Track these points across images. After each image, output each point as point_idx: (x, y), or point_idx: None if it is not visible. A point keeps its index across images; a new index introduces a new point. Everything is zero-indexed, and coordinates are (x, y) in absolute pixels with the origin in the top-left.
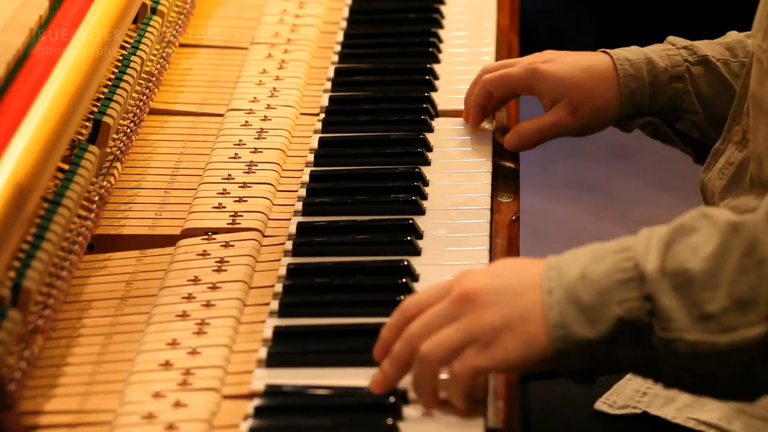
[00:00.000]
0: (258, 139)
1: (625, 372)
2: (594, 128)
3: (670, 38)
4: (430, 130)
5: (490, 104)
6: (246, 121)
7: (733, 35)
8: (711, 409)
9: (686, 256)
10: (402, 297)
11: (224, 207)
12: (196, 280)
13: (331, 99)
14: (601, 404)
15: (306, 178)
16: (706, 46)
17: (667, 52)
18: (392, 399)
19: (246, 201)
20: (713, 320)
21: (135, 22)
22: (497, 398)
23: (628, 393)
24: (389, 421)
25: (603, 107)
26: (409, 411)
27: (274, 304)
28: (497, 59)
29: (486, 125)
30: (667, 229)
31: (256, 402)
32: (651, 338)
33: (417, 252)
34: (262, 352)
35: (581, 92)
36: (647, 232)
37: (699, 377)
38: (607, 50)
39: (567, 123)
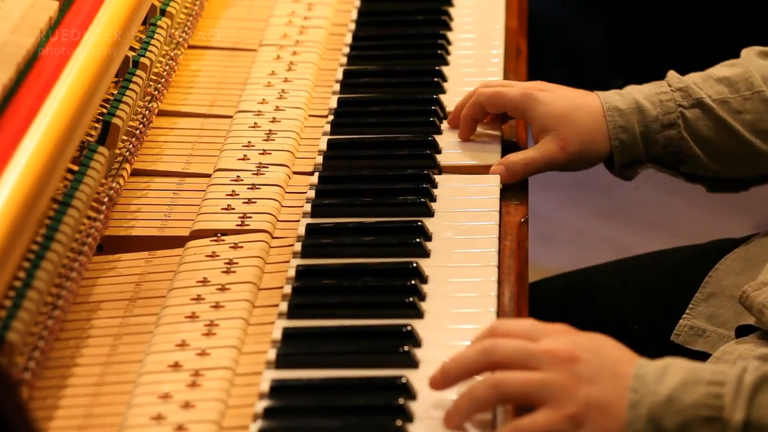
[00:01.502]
0: (267, 140)
1: None
2: (581, 165)
3: (669, 76)
4: (439, 132)
5: (480, 118)
6: (255, 123)
7: (739, 65)
8: None
9: None
10: (411, 299)
11: (233, 208)
12: (205, 282)
13: (339, 101)
14: None
15: (315, 179)
16: (703, 84)
17: (660, 97)
18: (401, 400)
19: (255, 202)
20: None
21: (144, 23)
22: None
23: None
24: (398, 422)
25: (592, 145)
26: (418, 411)
27: (283, 306)
28: (505, 61)
29: (494, 131)
30: (758, 373)
31: (266, 403)
32: None
33: (426, 254)
34: (271, 354)
35: (572, 127)
36: (740, 369)
37: None
38: (599, 93)
39: (555, 157)
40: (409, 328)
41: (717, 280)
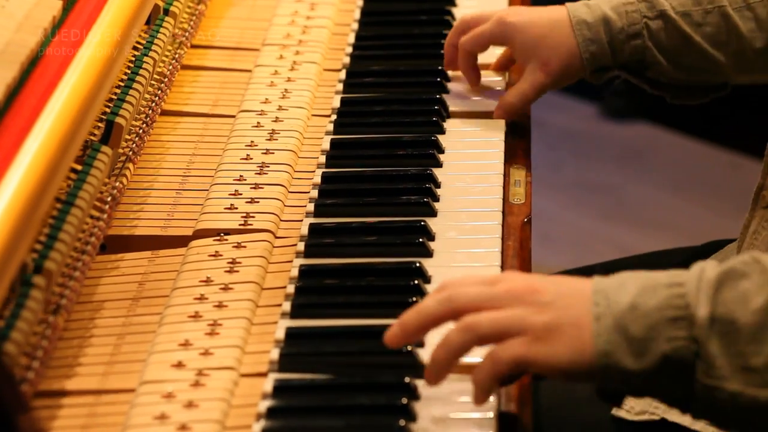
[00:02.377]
0: (270, 140)
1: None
2: (568, 79)
3: None
4: (442, 131)
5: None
6: (258, 123)
7: None
8: None
9: (735, 305)
10: (414, 299)
11: (236, 208)
12: (208, 281)
13: (342, 100)
14: (618, 409)
15: (318, 179)
16: None
17: (626, 7)
18: (405, 400)
19: (258, 202)
20: (756, 374)
21: (147, 23)
22: (509, 400)
23: (646, 399)
24: (401, 422)
25: (570, 59)
26: (422, 410)
27: (286, 306)
28: None
29: (499, 80)
30: (718, 270)
31: (269, 402)
32: (693, 380)
33: (429, 254)
34: (274, 353)
35: (549, 47)
36: (698, 269)
37: (732, 423)
38: (569, 6)
39: (543, 82)
40: None
41: None
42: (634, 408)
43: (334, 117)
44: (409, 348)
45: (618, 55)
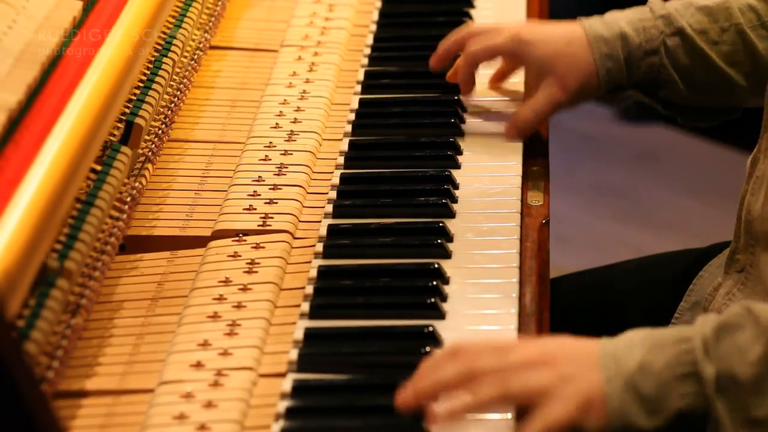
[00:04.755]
0: (288, 141)
1: None
2: (584, 97)
3: (651, 2)
4: (460, 133)
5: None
6: (276, 124)
7: None
8: None
9: (733, 359)
10: (433, 300)
11: (255, 209)
12: (227, 282)
13: (360, 101)
14: None
15: (336, 180)
16: (685, 12)
17: (643, 23)
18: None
19: (276, 203)
20: (761, 426)
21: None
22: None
23: None
24: (420, 423)
25: (587, 76)
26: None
27: (305, 306)
28: None
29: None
30: (713, 324)
31: (287, 403)
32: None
33: (447, 255)
34: (293, 354)
35: (565, 63)
36: (701, 322)
37: None
38: (583, 22)
39: (559, 99)
40: (431, 328)
41: (701, 288)
42: None
43: (352, 118)
44: (428, 349)
45: (633, 72)
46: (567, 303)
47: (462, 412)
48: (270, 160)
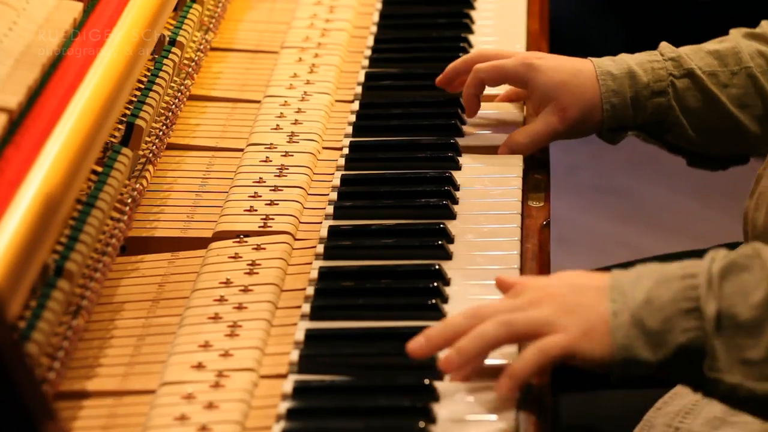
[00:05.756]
0: (289, 142)
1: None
2: (582, 131)
3: (661, 46)
4: (461, 134)
5: (482, 92)
6: (277, 125)
7: (729, 41)
8: None
9: (736, 299)
10: (433, 301)
11: (256, 210)
12: (227, 283)
13: (361, 103)
14: None
15: (337, 181)
16: (694, 56)
17: (652, 64)
18: (422, 424)
19: (277, 204)
20: (754, 366)
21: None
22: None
23: (660, 428)
24: (421, 424)
25: (590, 110)
26: (441, 412)
27: (306, 307)
28: None
29: (516, 114)
30: (721, 263)
31: (288, 404)
32: (701, 371)
33: (448, 256)
34: (294, 355)
35: (571, 94)
36: (709, 259)
37: (738, 408)
38: (593, 59)
39: (557, 128)
40: None
41: None
42: None
43: (353, 119)
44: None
45: (640, 112)
46: None
47: (471, 352)
48: (271, 161)
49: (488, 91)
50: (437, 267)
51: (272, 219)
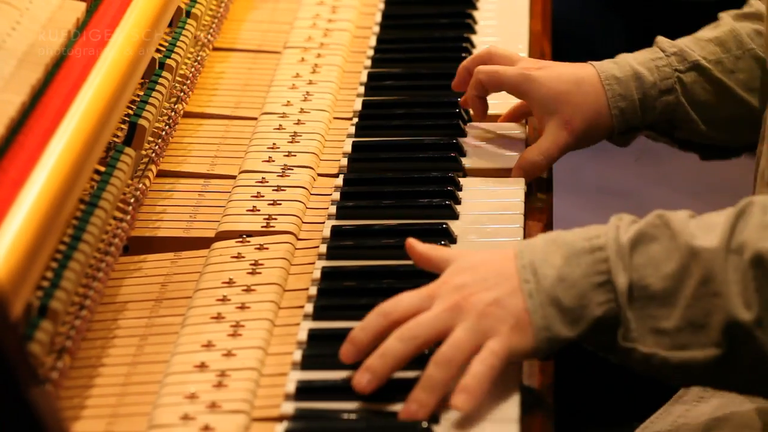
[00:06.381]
0: (291, 142)
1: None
2: (592, 139)
3: (659, 42)
4: (464, 134)
5: (485, 95)
6: (279, 125)
7: (724, 25)
8: None
9: (646, 270)
10: None
11: (258, 210)
12: (230, 283)
13: (364, 103)
14: None
15: (339, 182)
16: (695, 46)
17: (656, 63)
18: (425, 424)
19: (280, 204)
20: (666, 336)
21: (170, 25)
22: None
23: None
24: (424, 423)
25: (596, 118)
26: (444, 413)
27: (309, 307)
28: None
29: (518, 132)
30: (630, 235)
31: (291, 403)
32: (615, 340)
33: None
34: (297, 355)
35: (572, 104)
36: (614, 228)
37: (654, 376)
38: (594, 63)
39: (567, 140)
40: None
41: None
42: None
43: (355, 120)
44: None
45: (648, 113)
46: None
47: (384, 372)
48: (273, 161)
49: (492, 111)
50: None
51: (275, 219)
